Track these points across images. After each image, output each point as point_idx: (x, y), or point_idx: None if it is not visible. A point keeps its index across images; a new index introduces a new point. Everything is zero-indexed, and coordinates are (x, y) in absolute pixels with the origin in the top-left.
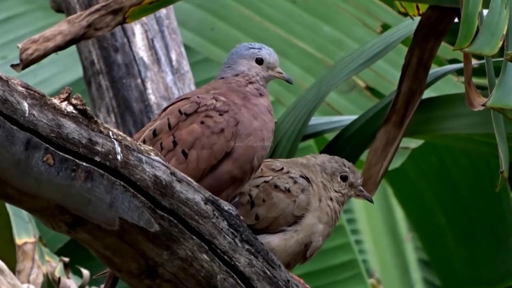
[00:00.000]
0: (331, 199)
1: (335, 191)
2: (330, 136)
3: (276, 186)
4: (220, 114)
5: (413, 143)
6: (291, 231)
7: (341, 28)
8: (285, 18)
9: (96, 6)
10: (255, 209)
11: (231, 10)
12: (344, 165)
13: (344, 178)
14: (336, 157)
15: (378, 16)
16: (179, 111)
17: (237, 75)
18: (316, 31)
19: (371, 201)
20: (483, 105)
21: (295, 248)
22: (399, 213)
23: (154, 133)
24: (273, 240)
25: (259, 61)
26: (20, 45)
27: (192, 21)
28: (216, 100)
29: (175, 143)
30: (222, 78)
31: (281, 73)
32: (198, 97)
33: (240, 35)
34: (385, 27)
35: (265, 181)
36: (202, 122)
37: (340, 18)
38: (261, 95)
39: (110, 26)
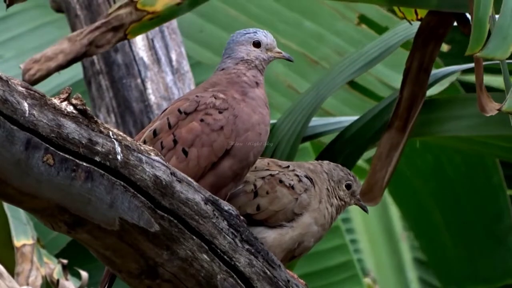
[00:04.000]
0: (332, 204)
1: (340, 198)
2: (326, 139)
3: (281, 181)
4: (220, 112)
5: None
6: (288, 227)
7: (321, 22)
8: (269, 16)
9: (97, 24)
10: (257, 199)
11: (218, 11)
12: (349, 174)
13: (348, 187)
14: (339, 165)
15: (355, 8)
16: (179, 110)
17: (237, 63)
18: (297, 27)
19: (367, 211)
20: (498, 109)
21: (289, 245)
22: (394, 212)
23: (155, 133)
24: (269, 236)
25: (257, 44)
26: (22, 66)
27: (182, 25)
28: (215, 98)
29: (175, 142)
30: (223, 69)
31: (281, 53)
32: (197, 96)
33: (228, 36)
34: (362, 18)
35: (271, 175)
36: (201, 120)
37: (320, 11)
38: (257, 84)
39: (111, 43)
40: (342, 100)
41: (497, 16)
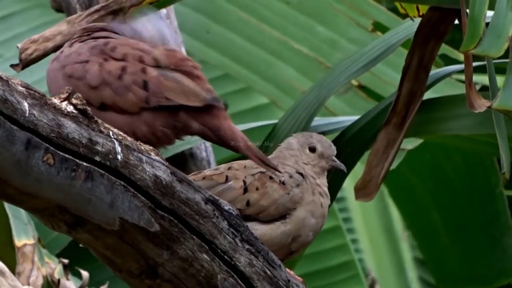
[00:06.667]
0: (313, 177)
1: (304, 163)
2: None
3: (271, 178)
4: None
5: (409, 144)
6: (280, 222)
7: (335, 28)
8: (280, 19)
9: (96, 7)
10: (247, 195)
11: (227, 13)
12: (311, 137)
13: (312, 149)
14: (303, 132)
15: (370, 15)
16: None
17: None
18: (310, 31)
19: (344, 171)
20: (488, 107)
21: (281, 240)
22: (395, 212)
23: None
24: (258, 230)
25: None
26: (19, 45)
27: (187, 24)
28: None
29: None
30: None
31: None
32: None
33: (236, 37)
34: (376, 25)
35: (260, 172)
36: None
37: (334, 18)
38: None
39: None
40: (346, 100)
41: (488, 14)
